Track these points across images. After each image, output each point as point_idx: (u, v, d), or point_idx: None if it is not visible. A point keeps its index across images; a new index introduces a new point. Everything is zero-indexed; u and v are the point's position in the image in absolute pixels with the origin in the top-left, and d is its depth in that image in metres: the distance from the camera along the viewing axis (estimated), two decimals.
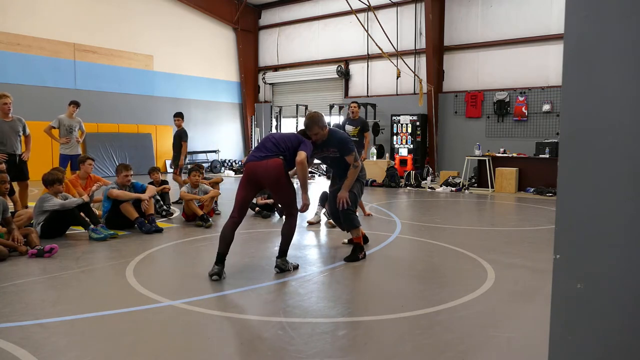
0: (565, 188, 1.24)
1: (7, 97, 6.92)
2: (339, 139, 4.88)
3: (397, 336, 3.05)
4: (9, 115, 6.94)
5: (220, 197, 8.18)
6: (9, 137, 6.89)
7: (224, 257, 4.27)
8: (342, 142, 4.86)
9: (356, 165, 4.92)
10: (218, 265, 4.22)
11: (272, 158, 4.26)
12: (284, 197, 4.40)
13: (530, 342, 2.98)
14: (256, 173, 4.26)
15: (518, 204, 9.54)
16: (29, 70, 13.24)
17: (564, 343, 1.26)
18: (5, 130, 6.87)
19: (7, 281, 4.13)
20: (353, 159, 4.89)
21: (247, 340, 2.97)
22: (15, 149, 6.98)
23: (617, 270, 1.17)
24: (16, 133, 6.99)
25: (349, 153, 4.86)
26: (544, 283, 4.17)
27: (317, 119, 4.67)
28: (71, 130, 8.29)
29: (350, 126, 8.24)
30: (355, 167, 4.92)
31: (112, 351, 2.80)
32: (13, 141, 6.95)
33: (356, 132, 8.10)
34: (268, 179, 4.24)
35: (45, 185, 5.91)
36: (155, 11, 16.15)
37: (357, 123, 8.22)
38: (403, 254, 5.36)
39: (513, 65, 13.36)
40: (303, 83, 18.25)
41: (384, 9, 15.38)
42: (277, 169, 4.23)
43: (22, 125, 7.10)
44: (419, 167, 14.01)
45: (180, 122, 9.40)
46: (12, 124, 6.95)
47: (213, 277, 4.16)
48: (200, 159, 17.53)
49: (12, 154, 6.91)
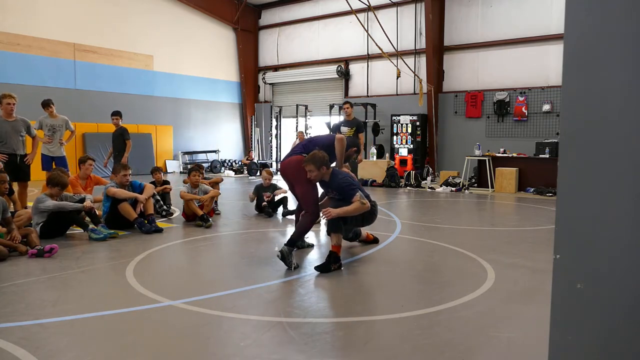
0: (565, 188, 1.24)
1: (12, 97, 6.98)
2: (338, 185, 4.69)
3: (397, 336, 3.05)
4: (12, 116, 6.98)
5: (220, 197, 8.19)
6: (10, 137, 6.91)
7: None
8: (341, 189, 4.67)
9: (363, 202, 4.55)
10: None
11: (295, 155, 4.85)
12: (300, 190, 4.80)
13: (530, 342, 2.97)
14: (284, 171, 4.94)
15: (518, 204, 9.53)
16: (29, 70, 13.24)
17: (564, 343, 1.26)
18: (7, 130, 6.88)
19: (7, 281, 4.13)
20: (359, 200, 4.55)
21: (247, 341, 2.97)
22: (16, 149, 6.98)
23: (617, 270, 1.17)
24: (18, 133, 7.00)
25: (352, 197, 4.57)
26: (544, 283, 4.17)
27: (317, 158, 4.57)
28: (54, 130, 8.03)
29: (346, 127, 8.24)
30: (363, 204, 4.55)
31: (112, 351, 2.80)
32: (14, 141, 6.95)
33: (351, 133, 8.12)
34: (290, 174, 4.84)
35: (47, 183, 5.91)
36: (155, 11, 16.15)
37: (353, 124, 8.22)
38: (403, 254, 5.36)
39: (513, 65, 13.36)
40: (303, 83, 18.25)
41: (384, 9, 15.38)
42: (297, 164, 4.75)
43: (26, 126, 7.13)
44: (419, 167, 14.01)
45: (119, 121, 9.39)
46: (14, 124, 6.97)
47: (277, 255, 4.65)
48: (200, 159, 17.53)
49: (12, 153, 6.92)
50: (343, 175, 4.77)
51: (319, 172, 4.61)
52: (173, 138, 16.96)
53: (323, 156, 4.61)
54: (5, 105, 6.89)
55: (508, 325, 3.26)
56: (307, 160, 4.60)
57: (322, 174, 4.64)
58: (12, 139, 6.93)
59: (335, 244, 4.59)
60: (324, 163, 4.61)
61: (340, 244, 4.63)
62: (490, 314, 3.45)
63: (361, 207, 4.54)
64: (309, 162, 4.59)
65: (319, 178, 4.69)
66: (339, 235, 4.62)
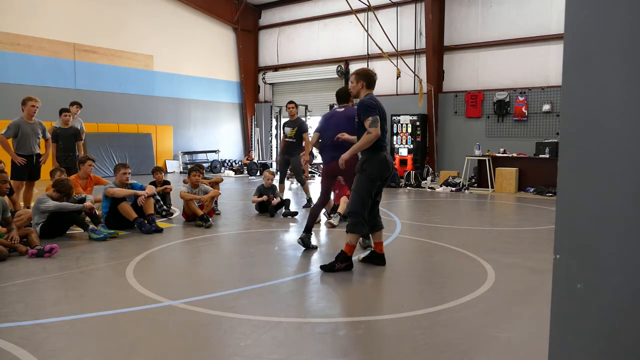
0: (565, 188, 1.24)
1: (37, 100, 7.28)
2: (361, 103, 4.56)
3: (397, 336, 3.05)
4: (32, 119, 7.30)
5: (220, 197, 8.18)
6: (30, 139, 7.24)
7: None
8: (363, 107, 4.51)
9: (369, 132, 4.37)
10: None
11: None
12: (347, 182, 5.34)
13: (530, 342, 2.98)
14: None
15: (518, 204, 9.53)
16: (29, 70, 13.24)
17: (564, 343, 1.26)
18: (27, 132, 7.21)
19: (7, 281, 4.13)
20: (368, 127, 4.40)
21: (247, 341, 2.97)
22: (34, 150, 7.30)
23: (617, 270, 1.17)
24: (36, 135, 7.33)
25: (366, 117, 4.43)
26: (544, 283, 4.17)
27: (360, 73, 4.75)
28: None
29: (288, 128, 8.20)
30: (368, 134, 4.38)
31: (112, 351, 2.80)
32: (32, 143, 7.28)
33: (293, 133, 8.08)
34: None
35: (53, 185, 5.95)
36: (155, 11, 16.15)
37: (295, 124, 8.16)
38: (403, 254, 5.36)
39: (513, 65, 13.36)
40: (303, 83, 18.25)
41: (384, 9, 15.37)
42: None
43: (42, 128, 7.45)
44: (419, 167, 14.00)
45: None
46: (33, 127, 7.31)
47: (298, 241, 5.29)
48: (200, 159, 17.53)
49: (30, 155, 7.24)
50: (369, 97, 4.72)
51: (357, 85, 4.66)
52: (173, 138, 16.96)
53: (366, 73, 4.67)
54: (30, 107, 7.20)
55: (508, 325, 3.26)
56: (353, 73, 4.81)
57: (358, 88, 4.65)
58: (31, 141, 7.27)
59: (348, 242, 4.49)
60: (364, 78, 4.64)
61: (353, 244, 4.50)
62: (490, 314, 3.45)
63: (367, 137, 4.37)
64: (354, 74, 4.77)
65: (355, 91, 4.71)
66: (356, 236, 4.50)
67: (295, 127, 8.11)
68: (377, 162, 4.49)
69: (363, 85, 4.66)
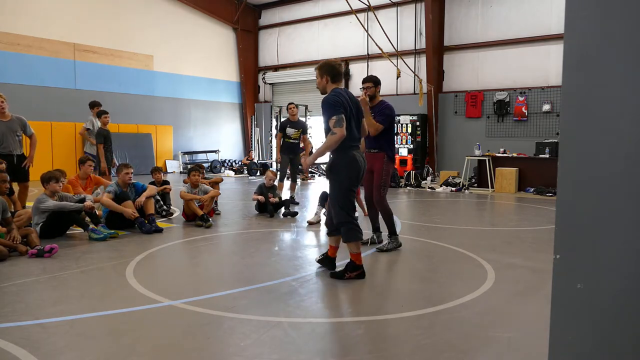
0: (565, 188, 1.24)
1: (0, 96, 6.69)
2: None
3: (397, 336, 3.05)
4: (6, 114, 6.75)
5: (220, 197, 8.18)
6: (6, 137, 6.70)
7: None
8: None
9: (334, 132, 4.10)
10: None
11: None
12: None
13: (530, 342, 2.97)
14: None
15: (518, 204, 9.53)
16: (29, 70, 13.23)
17: (564, 343, 1.26)
18: (2, 130, 6.67)
19: (7, 281, 4.13)
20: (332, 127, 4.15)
21: (247, 341, 2.97)
22: (13, 149, 6.78)
23: (617, 270, 1.17)
24: (14, 133, 6.76)
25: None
26: (544, 283, 4.17)
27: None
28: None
29: (292, 129, 8.24)
30: (332, 134, 4.10)
31: (112, 351, 2.80)
32: (10, 141, 6.72)
33: (298, 135, 8.15)
34: None
35: (42, 183, 5.87)
36: (155, 11, 16.14)
37: (299, 126, 8.22)
38: (403, 254, 5.36)
39: (513, 65, 13.35)
40: (303, 83, 18.24)
41: (384, 9, 15.37)
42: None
43: (22, 124, 6.90)
44: (419, 167, 14.00)
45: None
46: (9, 124, 6.74)
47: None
48: (200, 159, 17.52)
49: (9, 154, 6.71)
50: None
51: (321, 80, 4.43)
52: (173, 138, 16.95)
53: (329, 65, 4.41)
54: None
55: (508, 325, 3.26)
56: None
57: (323, 84, 4.44)
58: (8, 139, 6.70)
59: (351, 252, 4.27)
60: (328, 72, 4.39)
61: (357, 251, 4.26)
62: (490, 314, 3.45)
63: (331, 138, 4.07)
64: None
65: (321, 87, 4.50)
66: (354, 243, 4.24)
67: (300, 128, 8.19)
68: (344, 165, 4.18)
69: (328, 80, 4.33)
